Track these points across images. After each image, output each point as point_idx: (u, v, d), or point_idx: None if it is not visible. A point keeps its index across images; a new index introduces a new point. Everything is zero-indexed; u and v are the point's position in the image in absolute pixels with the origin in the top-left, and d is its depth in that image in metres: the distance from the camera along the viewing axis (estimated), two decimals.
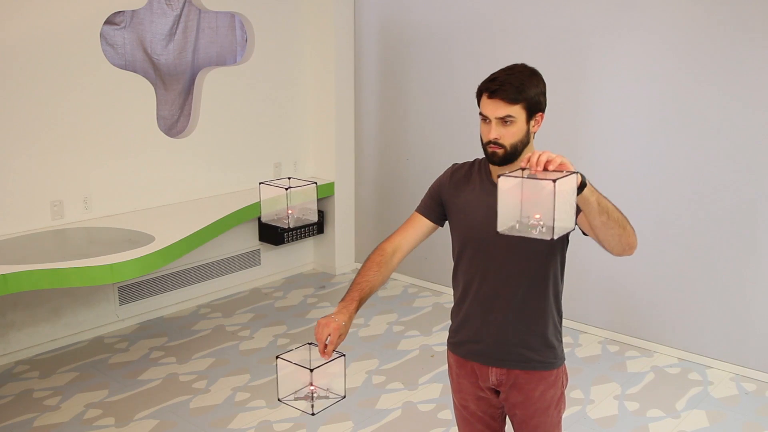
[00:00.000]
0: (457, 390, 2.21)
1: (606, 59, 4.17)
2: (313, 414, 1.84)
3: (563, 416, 2.20)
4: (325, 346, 1.84)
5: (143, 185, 4.46)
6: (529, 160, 1.62)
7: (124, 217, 4.30)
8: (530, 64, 2.02)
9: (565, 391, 2.19)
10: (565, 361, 2.18)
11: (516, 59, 2.22)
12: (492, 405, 2.17)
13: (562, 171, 1.58)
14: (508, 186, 1.57)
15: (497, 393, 2.15)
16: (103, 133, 4.21)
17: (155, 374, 3.92)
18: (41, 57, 3.87)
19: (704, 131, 3.89)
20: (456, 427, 2.32)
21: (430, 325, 4.63)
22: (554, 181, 1.49)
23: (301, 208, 2.08)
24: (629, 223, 1.83)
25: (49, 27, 3.87)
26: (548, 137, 3.25)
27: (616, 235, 1.76)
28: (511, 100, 1.87)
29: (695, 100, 3.89)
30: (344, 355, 1.87)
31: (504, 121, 1.89)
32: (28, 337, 4.13)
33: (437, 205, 2.12)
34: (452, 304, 2.21)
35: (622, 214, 1.81)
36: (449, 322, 2.23)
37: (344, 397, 1.89)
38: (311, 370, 1.79)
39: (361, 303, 1.96)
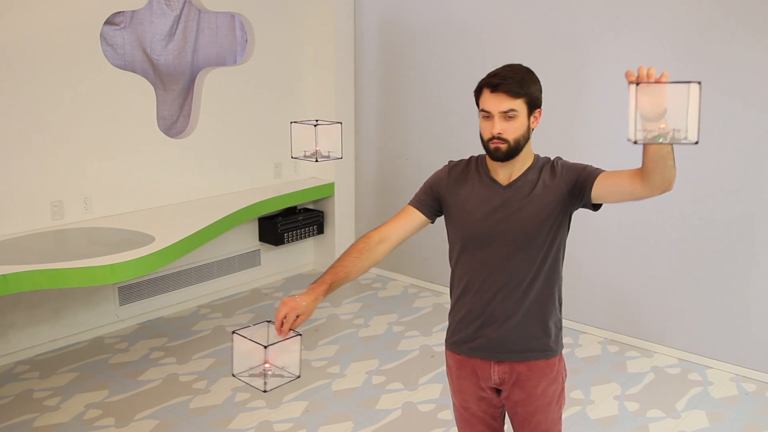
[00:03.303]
0: (457, 391, 2.21)
1: (605, 60, 4.17)
2: (265, 391, 1.83)
3: (563, 414, 2.21)
4: (282, 325, 1.83)
5: (143, 185, 4.46)
6: (637, 74, 1.59)
7: (124, 217, 4.30)
8: (530, 63, 2.03)
9: (565, 392, 2.20)
10: (565, 362, 2.19)
11: (516, 59, 2.22)
12: (493, 405, 2.18)
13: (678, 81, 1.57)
14: (646, 93, 1.55)
15: (498, 392, 2.15)
16: (103, 134, 4.21)
17: (155, 374, 3.92)
18: (41, 57, 3.87)
19: (705, 133, 3.88)
20: (456, 428, 2.32)
21: (430, 325, 4.63)
22: (699, 83, 1.51)
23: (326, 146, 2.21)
24: None
25: (49, 27, 3.87)
26: (548, 137, 3.26)
27: (671, 166, 1.76)
28: (514, 94, 1.90)
29: None
30: (300, 335, 1.85)
31: (507, 115, 1.91)
32: (28, 337, 4.13)
33: (432, 201, 2.13)
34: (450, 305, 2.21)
35: None
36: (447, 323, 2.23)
37: (299, 376, 1.87)
38: (265, 347, 1.78)
39: (332, 287, 1.96)
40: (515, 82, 1.90)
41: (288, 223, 5.21)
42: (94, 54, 4.10)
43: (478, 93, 1.97)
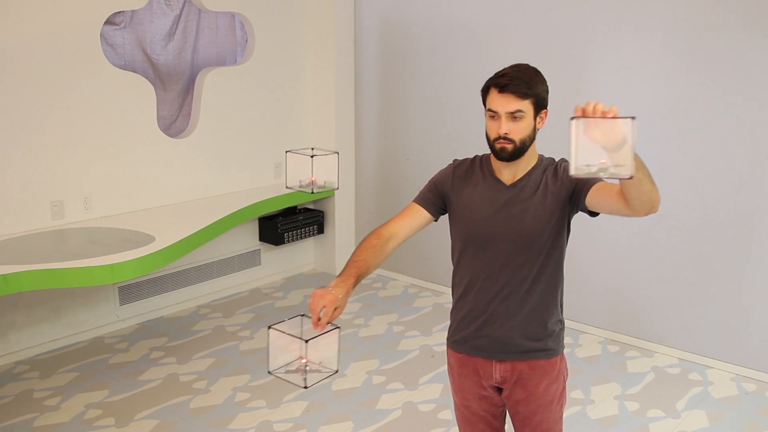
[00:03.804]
0: (458, 390, 2.22)
1: (606, 59, 4.17)
2: (305, 387, 1.75)
3: (564, 413, 2.21)
4: (319, 318, 1.77)
5: (143, 185, 4.46)
6: (584, 109, 1.59)
7: (124, 217, 4.30)
8: (531, 62, 2.03)
9: (566, 391, 2.20)
10: (566, 362, 2.19)
11: (516, 58, 2.23)
12: (494, 404, 2.18)
13: (626, 116, 1.57)
14: (581, 128, 1.56)
15: (499, 391, 2.15)
16: (103, 133, 4.21)
17: (155, 374, 3.92)
18: (42, 57, 3.87)
19: (706, 132, 3.89)
20: (456, 427, 2.32)
21: (430, 325, 4.63)
22: (633, 118, 1.50)
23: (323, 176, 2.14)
24: None
25: (49, 27, 3.87)
26: (548, 136, 3.25)
27: (647, 191, 1.74)
28: (522, 95, 1.90)
29: (696, 99, 3.89)
30: (339, 328, 1.78)
31: (514, 116, 1.92)
32: (28, 337, 4.12)
33: (437, 198, 2.13)
34: (452, 304, 2.21)
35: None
36: (449, 321, 2.23)
37: (337, 371, 1.80)
38: (306, 341, 1.69)
39: (358, 280, 1.92)
40: (523, 83, 1.90)
41: (288, 223, 5.21)
42: (94, 54, 4.10)
43: (485, 92, 1.97)
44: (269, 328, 1.75)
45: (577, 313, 4.47)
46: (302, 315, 1.80)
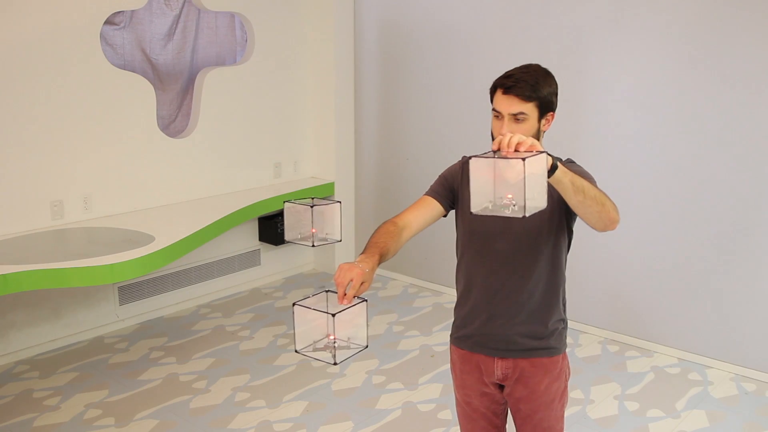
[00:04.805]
0: (460, 386, 2.22)
1: (607, 59, 4.17)
2: (335, 363, 1.68)
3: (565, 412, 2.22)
4: (345, 293, 1.70)
5: (143, 185, 4.46)
6: (500, 143, 1.64)
7: (124, 217, 4.30)
8: (531, 62, 2.02)
9: (567, 390, 2.21)
10: (568, 360, 2.19)
11: (516, 58, 2.23)
12: (495, 401, 2.18)
13: (532, 152, 1.60)
14: (480, 167, 1.58)
15: (501, 388, 2.15)
16: (102, 133, 4.21)
17: (155, 374, 3.92)
18: (41, 57, 3.87)
19: (706, 131, 3.89)
20: (457, 427, 2.32)
21: (430, 325, 4.63)
22: (524, 159, 1.51)
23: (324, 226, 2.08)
24: (609, 199, 1.83)
25: (49, 27, 3.87)
26: (549, 136, 3.25)
27: (596, 212, 1.79)
28: (526, 98, 1.90)
29: (697, 99, 3.89)
30: (366, 301, 1.71)
31: (516, 117, 1.91)
32: (28, 337, 4.13)
33: (448, 192, 2.12)
34: (453, 303, 2.22)
35: (600, 191, 1.82)
36: (449, 322, 2.23)
37: (366, 346, 1.75)
38: (333, 315, 1.63)
39: (381, 259, 1.87)
40: (528, 85, 1.89)
41: None
42: (93, 54, 4.10)
43: (492, 91, 1.97)
44: (294, 305, 1.70)
45: (577, 313, 4.47)
46: (327, 290, 1.76)
